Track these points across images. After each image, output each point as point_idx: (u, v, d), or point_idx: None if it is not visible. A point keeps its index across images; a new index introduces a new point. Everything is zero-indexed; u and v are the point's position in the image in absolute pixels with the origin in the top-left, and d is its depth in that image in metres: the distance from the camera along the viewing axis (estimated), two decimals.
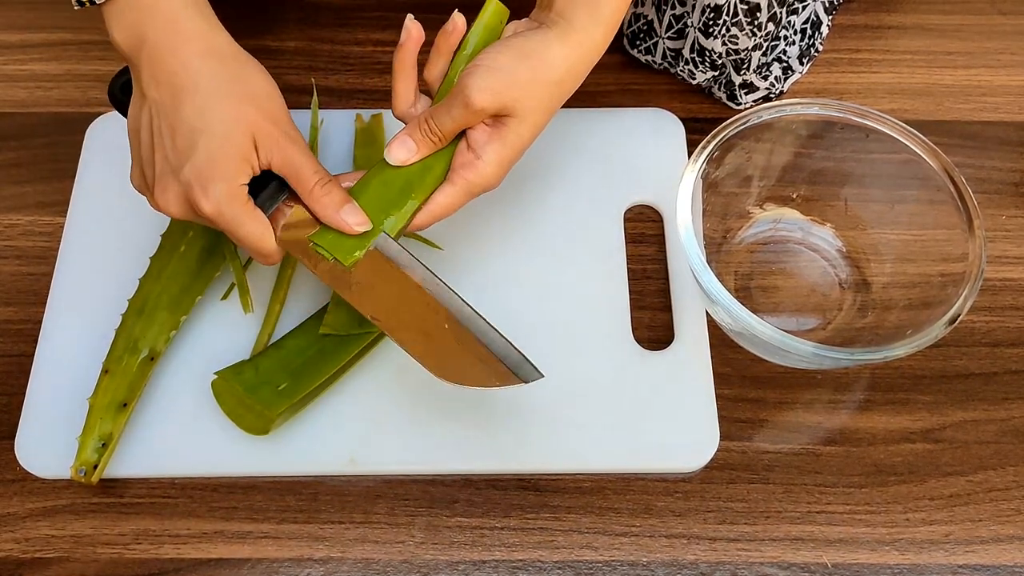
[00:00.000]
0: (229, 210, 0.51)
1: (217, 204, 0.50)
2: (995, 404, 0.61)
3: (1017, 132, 0.72)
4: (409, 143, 0.54)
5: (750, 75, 0.68)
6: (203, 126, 0.50)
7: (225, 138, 0.50)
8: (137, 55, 0.51)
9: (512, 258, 0.65)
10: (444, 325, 0.53)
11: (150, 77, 0.51)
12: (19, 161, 0.71)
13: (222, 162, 0.50)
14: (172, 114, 0.51)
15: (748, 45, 0.65)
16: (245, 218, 0.51)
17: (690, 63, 0.69)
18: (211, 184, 0.50)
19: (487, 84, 0.52)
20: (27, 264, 0.66)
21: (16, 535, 0.57)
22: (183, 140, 0.50)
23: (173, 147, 0.51)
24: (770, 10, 0.63)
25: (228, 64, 0.52)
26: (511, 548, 0.57)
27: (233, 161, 0.50)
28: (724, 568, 0.56)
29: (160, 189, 0.52)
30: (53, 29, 0.77)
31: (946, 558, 0.56)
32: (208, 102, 0.51)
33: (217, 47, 0.52)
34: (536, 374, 0.53)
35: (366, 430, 0.59)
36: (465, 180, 0.54)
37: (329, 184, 0.53)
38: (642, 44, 0.72)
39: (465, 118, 0.53)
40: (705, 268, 0.56)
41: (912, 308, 0.59)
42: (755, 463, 0.59)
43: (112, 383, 0.58)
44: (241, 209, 0.51)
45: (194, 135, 0.50)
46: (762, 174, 0.65)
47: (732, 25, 0.64)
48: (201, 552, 0.57)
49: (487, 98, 0.52)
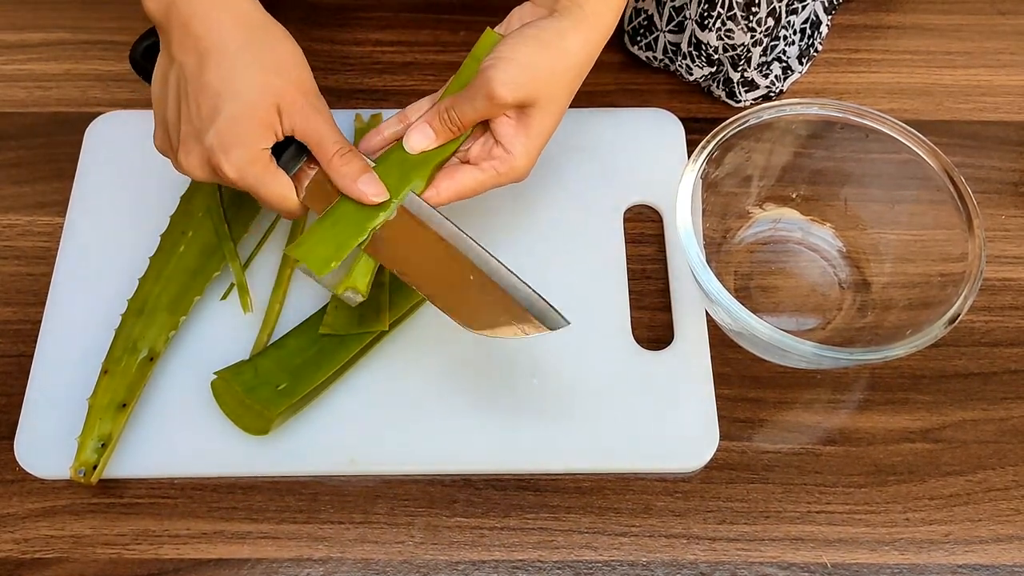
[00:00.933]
0: (251, 174, 0.52)
1: (239, 168, 0.52)
2: (994, 404, 0.61)
3: (1017, 132, 0.72)
4: (428, 132, 0.55)
5: (751, 72, 0.68)
6: (228, 92, 0.51)
7: (249, 105, 0.51)
8: (167, 20, 0.52)
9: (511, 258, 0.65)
10: (469, 277, 0.54)
11: (179, 42, 0.52)
12: (18, 161, 0.71)
13: (245, 128, 0.51)
14: (198, 79, 0.52)
15: (745, 41, 0.65)
16: (267, 180, 0.53)
17: (688, 57, 0.69)
18: (233, 149, 0.51)
19: (510, 77, 0.53)
20: (26, 264, 0.66)
21: (15, 535, 0.57)
22: (207, 105, 0.51)
23: (198, 111, 0.52)
24: (768, 5, 0.63)
25: (256, 32, 0.53)
26: (510, 548, 0.57)
27: (256, 127, 0.52)
28: (724, 568, 0.56)
29: (184, 152, 0.53)
30: (52, 29, 0.77)
31: (946, 558, 0.56)
32: (234, 68, 0.51)
33: (246, 14, 0.53)
34: (562, 321, 0.53)
35: (366, 430, 0.59)
36: (496, 172, 0.55)
37: (349, 154, 0.54)
38: (643, 40, 0.72)
39: (488, 110, 0.54)
40: (705, 268, 0.56)
41: (912, 308, 0.59)
42: (755, 463, 0.59)
43: (111, 383, 0.58)
44: (263, 172, 0.53)
45: (218, 100, 0.51)
46: (762, 174, 0.65)
47: (728, 19, 0.64)
48: (201, 552, 0.57)
49: (510, 91, 0.53)
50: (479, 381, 0.61)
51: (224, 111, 0.51)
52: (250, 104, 0.51)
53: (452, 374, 0.61)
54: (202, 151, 0.52)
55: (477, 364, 0.61)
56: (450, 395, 0.60)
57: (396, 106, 0.72)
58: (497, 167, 0.55)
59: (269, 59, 0.53)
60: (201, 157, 0.53)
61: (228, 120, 0.51)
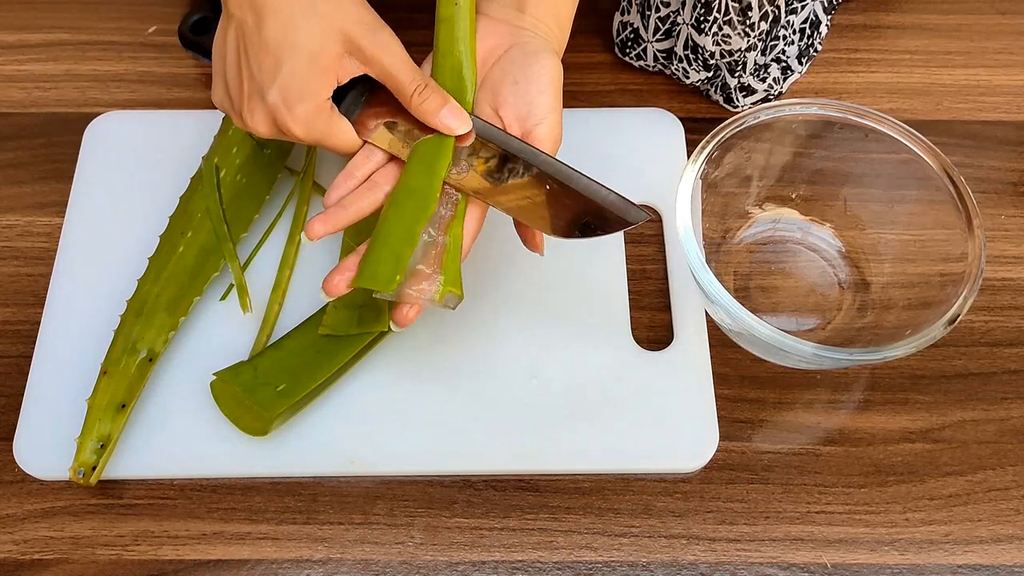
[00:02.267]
0: (316, 127, 0.52)
1: (305, 123, 0.52)
2: (994, 404, 0.61)
3: (1016, 132, 0.72)
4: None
5: (747, 78, 0.68)
6: (287, 44, 0.51)
7: (310, 55, 0.51)
8: None
9: (510, 258, 0.65)
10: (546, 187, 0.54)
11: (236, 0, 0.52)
12: (17, 162, 0.71)
13: (307, 81, 0.51)
14: (256, 33, 0.51)
15: (741, 46, 0.65)
16: (333, 131, 0.53)
17: (684, 61, 0.69)
18: (297, 104, 0.51)
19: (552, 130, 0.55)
20: (25, 265, 0.66)
21: (14, 536, 0.57)
22: (269, 60, 0.51)
23: (259, 68, 0.52)
24: (761, 8, 0.63)
25: None
26: (510, 549, 0.57)
27: (318, 79, 0.51)
28: (724, 568, 0.56)
29: (248, 110, 0.53)
30: (51, 29, 0.77)
31: (945, 558, 0.56)
32: (291, 19, 0.51)
33: None
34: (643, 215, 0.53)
35: (365, 431, 0.59)
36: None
37: (427, 89, 0.53)
38: (631, 51, 0.72)
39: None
40: (704, 268, 0.56)
41: (911, 308, 0.59)
42: (754, 463, 0.59)
43: (111, 384, 0.58)
44: (328, 123, 0.53)
45: (279, 54, 0.51)
46: (761, 174, 0.65)
47: (724, 24, 0.64)
48: (200, 553, 0.57)
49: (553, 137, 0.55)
50: (479, 382, 0.61)
51: (285, 65, 0.51)
52: (311, 55, 0.51)
53: (452, 375, 0.61)
54: (266, 109, 0.52)
55: (477, 365, 0.61)
56: (450, 396, 0.60)
57: None
58: None
59: (324, 4, 0.52)
60: (266, 115, 0.52)
61: (289, 74, 0.51)
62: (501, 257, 0.65)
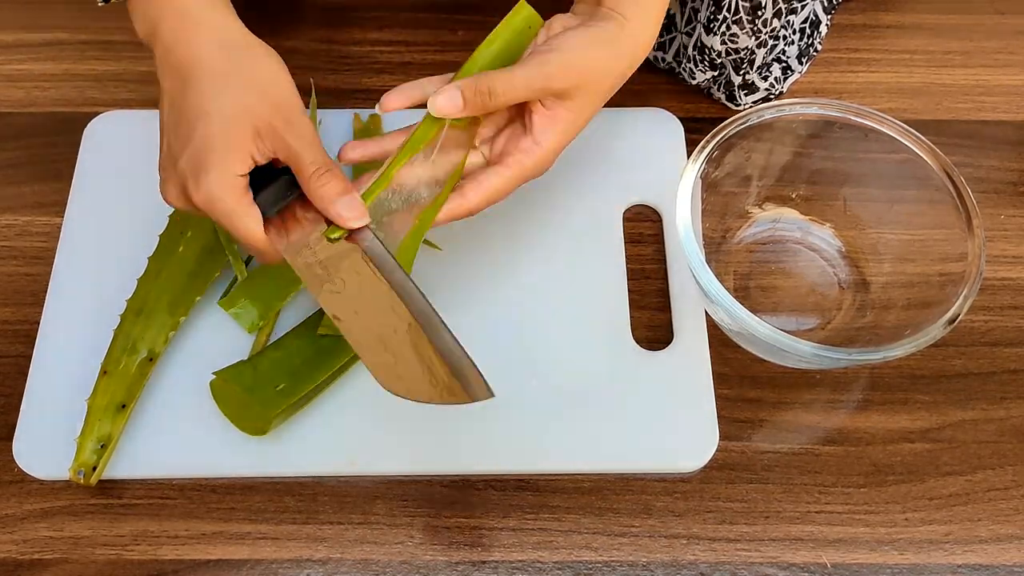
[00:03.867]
0: (220, 200, 0.49)
1: (208, 194, 0.49)
2: (994, 404, 0.61)
3: (1016, 131, 0.72)
4: (458, 99, 0.52)
5: (752, 74, 0.68)
6: (203, 114, 0.49)
7: (222, 127, 0.49)
8: (153, 45, 0.52)
9: (511, 258, 0.65)
10: (405, 331, 0.50)
11: (163, 67, 0.51)
12: (16, 161, 0.70)
13: (217, 151, 0.49)
14: (180, 103, 0.50)
15: (749, 44, 0.65)
16: (238, 211, 0.50)
17: (691, 61, 0.69)
18: (204, 173, 0.49)
19: (572, 64, 0.52)
20: (24, 264, 0.66)
21: (14, 536, 0.57)
22: (185, 128, 0.50)
23: (176, 136, 0.50)
24: (775, 6, 0.63)
25: (235, 52, 0.51)
26: (510, 549, 0.57)
27: (229, 150, 0.49)
28: (723, 568, 0.56)
29: (163, 178, 0.52)
30: (50, 29, 0.77)
31: (945, 558, 0.56)
32: (211, 91, 0.50)
33: (227, 36, 0.52)
34: (487, 393, 0.49)
35: (365, 431, 0.59)
36: (521, 165, 0.54)
37: (328, 174, 0.51)
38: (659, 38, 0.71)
39: (536, 94, 0.53)
40: (704, 268, 0.56)
41: (911, 308, 0.59)
42: (754, 463, 0.59)
43: (111, 384, 0.58)
44: (235, 202, 0.49)
45: (194, 123, 0.49)
46: (761, 174, 0.65)
47: (733, 23, 0.64)
48: (200, 553, 0.57)
49: (569, 77, 0.52)
50: None
51: (197, 134, 0.49)
52: (224, 126, 0.49)
53: None
54: (177, 177, 0.50)
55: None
56: None
57: None
58: (523, 160, 0.54)
59: (248, 80, 0.50)
60: (176, 184, 0.50)
61: (200, 142, 0.49)
62: (500, 257, 0.65)
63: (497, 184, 0.54)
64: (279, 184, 0.52)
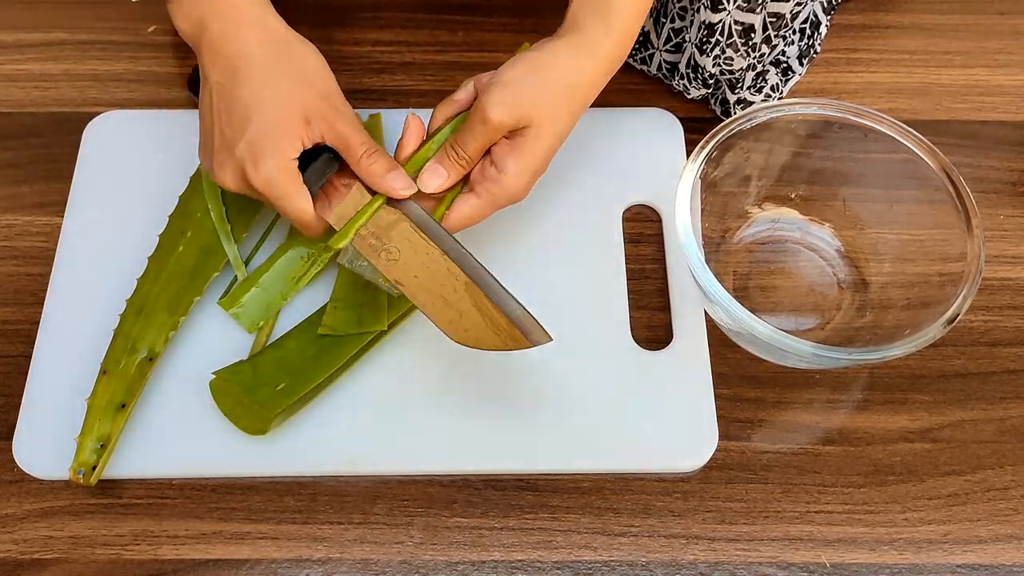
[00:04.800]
0: (278, 183, 0.54)
1: (268, 178, 0.54)
2: (993, 403, 0.61)
3: (1015, 132, 0.72)
4: (440, 171, 0.57)
5: (744, 93, 0.69)
6: (257, 104, 0.54)
7: (277, 116, 0.54)
8: (199, 42, 0.56)
9: (511, 258, 0.65)
10: (463, 290, 0.55)
11: (211, 62, 0.56)
12: (16, 161, 0.71)
13: (273, 138, 0.54)
14: (230, 95, 0.55)
15: (743, 65, 0.66)
16: (291, 192, 0.54)
17: (685, 78, 0.69)
18: (262, 159, 0.53)
19: (501, 99, 0.54)
20: (24, 264, 0.66)
21: (14, 536, 0.57)
22: (239, 118, 0.54)
23: (229, 124, 0.54)
24: (764, 32, 0.64)
25: (282, 47, 0.56)
26: (510, 548, 0.57)
27: (284, 137, 0.54)
28: (723, 568, 0.56)
29: (218, 163, 0.55)
30: (50, 29, 0.77)
31: (944, 558, 0.57)
32: (262, 83, 0.54)
33: (272, 31, 0.56)
34: (546, 337, 0.54)
35: (365, 430, 0.59)
36: (490, 193, 0.57)
37: (376, 153, 0.56)
38: (637, 55, 0.72)
39: (486, 135, 0.55)
40: (704, 268, 0.56)
41: (910, 308, 0.60)
42: (754, 463, 0.59)
43: (110, 384, 0.58)
44: (290, 183, 0.54)
45: (249, 113, 0.54)
46: (760, 174, 0.65)
47: (727, 47, 0.64)
48: (199, 553, 0.57)
49: (503, 112, 0.54)
50: (478, 381, 0.61)
51: (254, 122, 0.54)
52: (278, 115, 0.54)
53: (451, 374, 0.61)
54: (234, 162, 0.54)
55: (476, 364, 0.61)
56: (449, 395, 0.60)
57: (395, 106, 0.72)
58: (491, 188, 0.57)
59: (295, 72, 0.55)
60: (234, 168, 0.55)
61: (258, 131, 0.53)
62: (500, 257, 0.65)
63: (468, 211, 0.57)
64: (320, 162, 0.56)
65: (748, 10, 0.62)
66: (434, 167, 0.57)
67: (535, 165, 0.56)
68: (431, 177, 0.57)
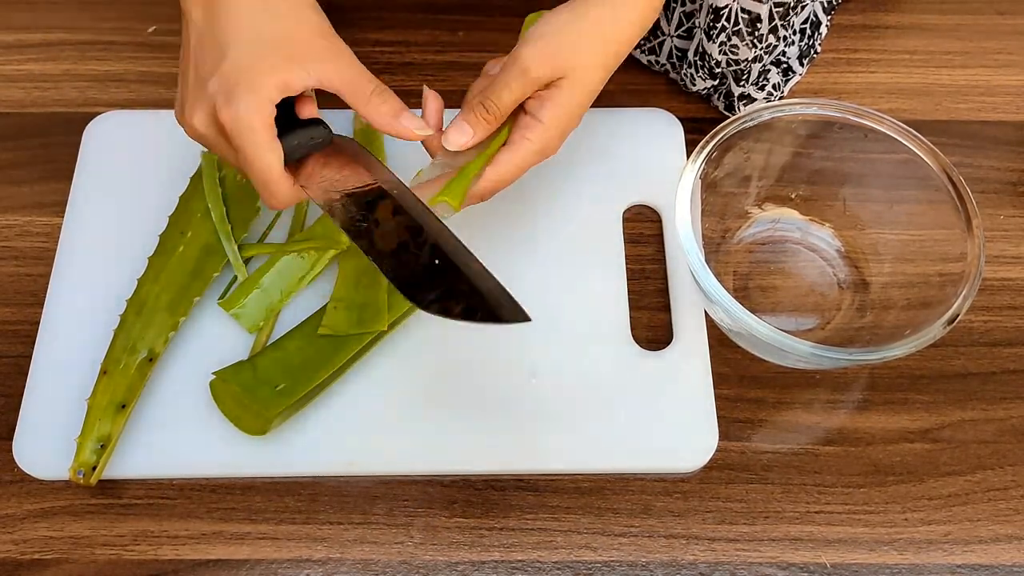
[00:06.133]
0: (248, 125, 0.48)
1: (237, 114, 0.48)
2: (993, 404, 0.61)
3: (1015, 132, 0.72)
4: (466, 128, 0.54)
5: (748, 87, 0.68)
6: (237, 38, 0.49)
7: (259, 50, 0.49)
8: None
9: (511, 258, 0.65)
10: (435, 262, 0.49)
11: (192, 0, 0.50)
12: (16, 161, 0.71)
13: (252, 72, 0.48)
14: (207, 30, 0.50)
15: (748, 56, 0.65)
16: (262, 140, 0.49)
17: (692, 67, 0.69)
18: (236, 93, 0.48)
19: (540, 50, 0.53)
20: (24, 265, 0.66)
21: (14, 536, 0.57)
22: (216, 53, 0.49)
23: (204, 61, 0.49)
24: (771, 22, 0.63)
25: None
26: (510, 548, 0.57)
27: (264, 73, 0.48)
28: (723, 568, 0.56)
29: (189, 103, 0.50)
30: (50, 29, 0.77)
31: (945, 558, 0.57)
32: (245, 16, 0.49)
33: None
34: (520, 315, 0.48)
35: (365, 431, 0.59)
36: (526, 140, 0.54)
37: (386, 93, 0.52)
38: (646, 44, 0.72)
39: (523, 88, 0.53)
40: (704, 268, 0.56)
41: (911, 308, 0.59)
42: (754, 463, 0.59)
43: (110, 384, 0.58)
44: (262, 129, 0.48)
45: (226, 44, 0.49)
46: (761, 174, 0.65)
47: (733, 34, 0.64)
48: (199, 553, 0.57)
49: (543, 64, 0.53)
50: (478, 381, 0.61)
51: (230, 54, 0.48)
52: (261, 50, 0.49)
53: (451, 374, 0.61)
54: (205, 99, 0.49)
55: (476, 364, 0.61)
56: (449, 395, 0.60)
57: None
58: (527, 136, 0.54)
59: (284, 6, 0.50)
60: (204, 107, 0.49)
61: (234, 63, 0.48)
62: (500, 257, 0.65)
63: (506, 164, 0.54)
64: (299, 134, 0.51)
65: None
66: (459, 123, 0.53)
67: (568, 117, 0.55)
68: (456, 134, 0.53)
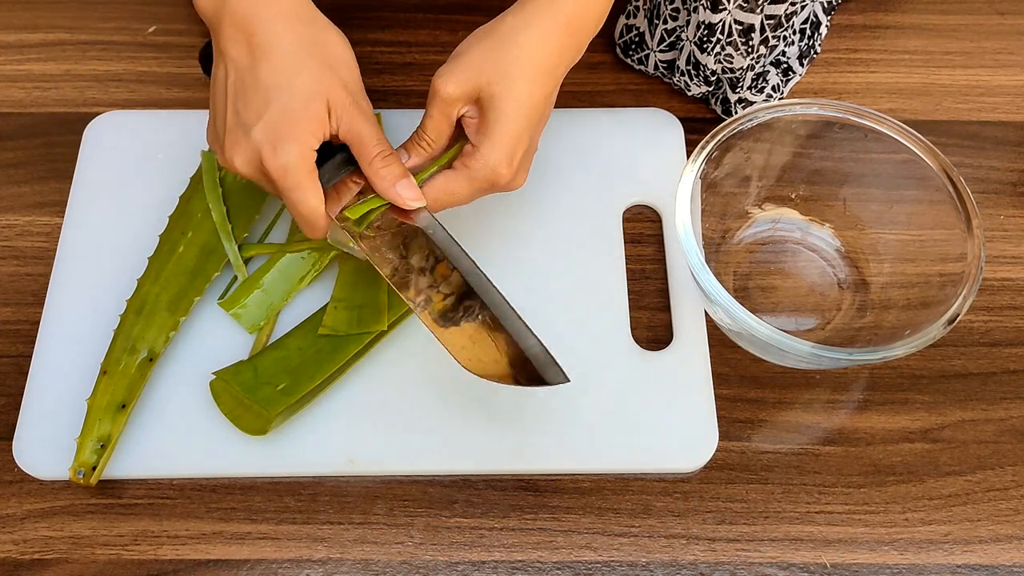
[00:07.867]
0: (295, 172, 0.51)
1: (285, 165, 0.51)
2: (993, 404, 0.61)
3: (1015, 132, 0.72)
4: (403, 154, 0.55)
5: (745, 92, 0.69)
6: (280, 86, 0.51)
7: (302, 99, 0.51)
8: (218, 16, 0.52)
9: (510, 258, 0.65)
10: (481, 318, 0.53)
11: (230, 37, 0.52)
12: (16, 161, 0.71)
13: (297, 123, 0.51)
14: (249, 72, 0.51)
15: (743, 64, 0.66)
16: (307, 185, 0.52)
17: (686, 75, 0.69)
18: (282, 144, 0.51)
19: (448, 71, 0.53)
20: (25, 264, 0.66)
21: (14, 536, 0.57)
22: (258, 98, 0.51)
23: (246, 104, 0.51)
24: (763, 33, 0.64)
25: (308, 27, 0.53)
26: (510, 549, 0.57)
27: (308, 123, 0.51)
28: (723, 568, 0.56)
29: (230, 143, 0.52)
30: (50, 29, 0.77)
31: (945, 558, 0.56)
32: (287, 63, 0.51)
33: (297, 9, 0.53)
34: (562, 377, 0.52)
35: (365, 431, 0.59)
36: (464, 166, 0.54)
37: (390, 157, 0.53)
38: (634, 55, 0.72)
39: (441, 111, 0.54)
40: (704, 268, 0.56)
41: (911, 308, 0.59)
42: (754, 463, 0.59)
43: (111, 384, 0.58)
44: (306, 175, 0.52)
45: (270, 95, 0.51)
46: (761, 174, 0.65)
47: (727, 44, 0.64)
48: (200, 553, 0.57)
49: (449, 83, 0.53)
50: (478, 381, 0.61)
51: (275, 105, 0.50)
52: (304, 99, 0.51)
53: (451, 374, 0.61)
54: (249, 145, 0.51)
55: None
56: (449, 395, 0.60)
57: (395, 106, 0.72)
58: (465, 162, 0.54)
59: (321, 55, 0.52)
60: (248, 152, 0.52)
61: (280, 114, 0.51)
62: (500, 256, 0.65)
63: (440, 183, 0.55)
64: (334, 162, 0.54)
65: (748, 10, 0.62)
66: (399, 151, 0.55)
67: (507, 140, 0.53)
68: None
